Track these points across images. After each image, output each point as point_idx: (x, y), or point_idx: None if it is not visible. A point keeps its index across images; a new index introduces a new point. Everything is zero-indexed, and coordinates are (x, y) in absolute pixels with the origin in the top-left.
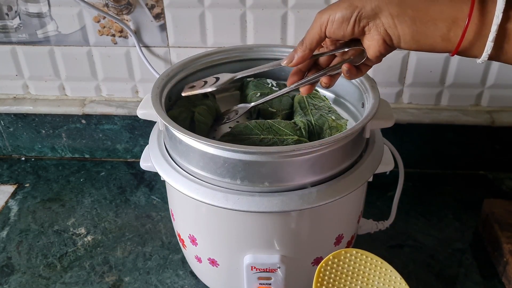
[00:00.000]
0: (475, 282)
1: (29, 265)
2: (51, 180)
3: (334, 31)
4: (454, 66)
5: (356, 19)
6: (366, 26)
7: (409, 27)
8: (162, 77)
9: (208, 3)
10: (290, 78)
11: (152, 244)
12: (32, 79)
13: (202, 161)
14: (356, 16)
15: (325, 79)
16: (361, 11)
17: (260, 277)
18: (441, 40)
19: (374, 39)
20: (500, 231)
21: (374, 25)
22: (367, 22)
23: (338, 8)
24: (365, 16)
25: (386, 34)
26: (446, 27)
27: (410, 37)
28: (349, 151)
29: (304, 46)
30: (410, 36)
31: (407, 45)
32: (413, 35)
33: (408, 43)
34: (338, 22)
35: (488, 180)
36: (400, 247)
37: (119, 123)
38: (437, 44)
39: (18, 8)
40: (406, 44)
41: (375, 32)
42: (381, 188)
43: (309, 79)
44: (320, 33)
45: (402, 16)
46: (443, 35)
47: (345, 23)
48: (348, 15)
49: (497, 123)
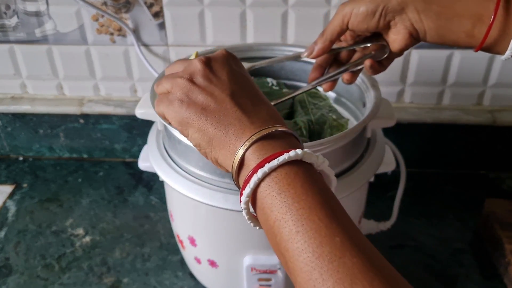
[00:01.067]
0: (476, 282)
1: (27, 266)
2: (49, 180)
3: (358, 24)
4: (456, 65)
5: (382, 13)
6: (392, 20)
7: (434, 22)
8: (161, 76)
9: (208, 1)
10: (311, 74)
11: (150, 245)
12: (30, 78)
13: (201, 161)
14: (381, 10)
15: (347, 75)
16: (387, 6)
17: (260, 278)
18: (465, 36)
19: (400, 33)
20: (501, 231)
21: (400, 20)
22: (393, 16)
23: (363, 2)
24: (391, 11)
25: (413, 28)
26: (471, 24)
27: (435, 31)
28: (350, 151)
29: (325, 38)
30: (435, 31)
31: (432, 39)
32: (437, 30)
33: (433, 38)
34: (362, 15)
35: (489, 179)
36: (401, 247)
37: (117, 123)
38: (461, 39)
39: (16, 7)
40: (431, 38)
41: (401, 26)
42: (382, 188)
43: (331, 75)
44: (342, 25)
45: (428, 11)
46: (467, 31)
47: (370, 16)
48: (373, 9)
49: (499, 123)
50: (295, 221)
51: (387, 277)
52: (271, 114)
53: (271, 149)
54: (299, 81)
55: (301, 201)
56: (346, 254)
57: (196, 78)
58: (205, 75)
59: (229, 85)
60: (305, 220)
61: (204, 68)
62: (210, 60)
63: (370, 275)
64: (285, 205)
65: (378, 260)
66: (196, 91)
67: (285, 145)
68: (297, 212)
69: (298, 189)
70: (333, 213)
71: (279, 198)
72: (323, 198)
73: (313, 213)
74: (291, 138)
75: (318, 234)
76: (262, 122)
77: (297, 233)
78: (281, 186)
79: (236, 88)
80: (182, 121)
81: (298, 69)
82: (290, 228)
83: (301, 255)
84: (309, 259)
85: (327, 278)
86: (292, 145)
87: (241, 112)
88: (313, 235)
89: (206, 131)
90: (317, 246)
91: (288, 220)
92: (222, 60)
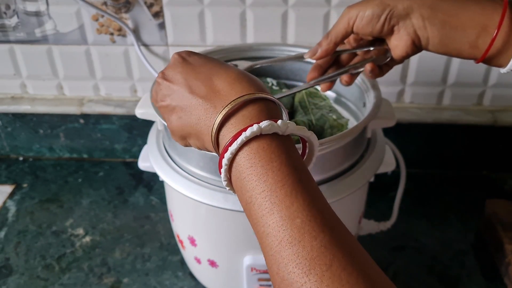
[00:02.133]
0: (477, 283)
1: (27, 266)
2: (49, 180)
3: (363, 27)
4: (456, 65)
5: (387, 18)
6: (396, 25)
7: (438, 30)
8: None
9: (208, 1)
10: (310, 73)
11: (150, 245)
12: (30, 78)
13: (202, 161)
14: (387, 14)
15: (346, 77)
16: (393, 10)
17: (260, 279)
18: (469, 47)
19: (402, 40)
20: (502, 231)
21: (403, 25)
22: (397, 21)
23: (369, 5)
24: (396, 15)
25: (416, 35)
26: (475, 34)
27: (438, 40)
28: (350, 151)
29: (329, 40)
30: (439, 39)
31: (434, 48)
32: (441, 38)
33: (436, 47)
34: (367, 19)
35: (491, 180)
36: (402, 248)
37: (118, 123)
38: (464, 50)
39: (16, 7)
40: (434, 47)
41: (404, 32)
42: (383, 189)
43: (330, 76)
44: (347, 28)
45: (433, 18)
46: (471, 41)
47: (375, 20)
48: (379, 13)
49: (500, 123)
50: (259, 205)
51: (350, 256)
52: (232, 85)
53: (234, 129)
54: (299, 81)
55: (263, 183)
56: (305, 237)
57: (160, 94)
58: (164, 87)
59: (186, 82)
60: (267, 203)
61: (161, 81)
62: (164, 72)
63: (329, 257)
64: (250, 187)
65: (343, 240)
66: (165, 107)
67: (248, 119)
68: (260, 195)
69: (259, 169)
70: (296, 189)
71: (245, 181)
72: (286, 173)
73: (274, 195)
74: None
75: (280, 217)
76: (224, 100)
77: (262, 217)
78: (245, 169)
79: (192, 81)
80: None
81: (298, 69)
82: (256, 212)
83: (267, 239)
84: (273, 243)
85: (288, 263)
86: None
87: (203, 100)
88: (274, 219)
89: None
90: (279, 230)
91: (254, 204)
92: (174, 63)
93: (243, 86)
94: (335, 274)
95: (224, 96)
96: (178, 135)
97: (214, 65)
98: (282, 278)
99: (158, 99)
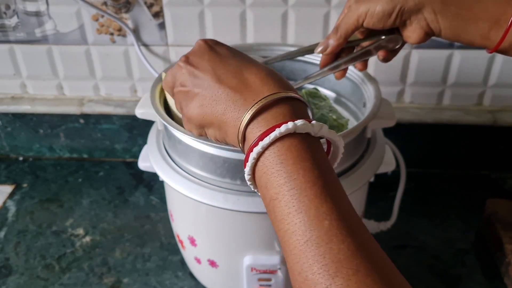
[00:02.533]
0: (478, 282)
1: (27, 266)
2: (49, 180)
3: (374, 24)
4: (456, 65)
5: (398, 14)
6: (408, 20)
7: (450, 22)
8: (161, 76)
9: (208, 1)
10: (322, 59)
11: (151, 245)
12: (30, 78)
13: (201, 161)
14: (398, 11)
15: (359, 64)
16: (404, 6)
17: (260, 279)
18: (480, 38)
19: (415, 32)
20: (503, 231)
21: (416, 19)
22: (409, 16)
23: (379, 2)
24: (408, 11)
25: (428, 27)
26: (487, 27)
27: (450, 31)
28: (350, 151)
29: (339, 35)
30: (450, 31)
31: (446, 37)
32: (453, 30)
33: (447, 36)
34: (378, 16)
35: (491, 180)
36: (403, 247)
37: (118, 123)
38: (475, 40)
39: (16, 7)
40: (446, 36)
41: (417, 25)
42: (383, 188)
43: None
44: (357, 25)
45: (445, 12)
46: (483, 33)
47: (386, 17)
48: (390, 10)
49: (499, 123)
50: (286, 202)
51: (374, 263)
52: (264, 81)
53: (265, 125)
54: None
55: (292, 181)
56: (333, 239)
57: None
58: (187, 72)
59: (213, 72)
60: (295, 201)
61: (184, 66)
62: (188, 57)
63: (356, 262)
64: (277, 184)
65: (367, 246)
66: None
67: (281, 116)
68: (288, 193)
69: (290, 167)
70: (326, 192)
71: (272, 178)
72: (316, 174)
73: (303, 194)
74: (291, 103)
75: (307, 217)
76: (256, 94)
77: (288, 215)
78: (274, 165)
79: (221, 71)
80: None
81: (299, 69)
82: (282, 209)
83: (291, 237)
84: (298, 242)
85: (313, 264)
86: (290, 113)
87: (232, 92)
88: (302, 218)
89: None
90: (305, 229)
91: (281, 201)
92: (200, 50)
93: (275, 83)
94: (361, 280)
95: (255, 91)
96: (195, 123)
97: (243, 58)
98: (304, 278)
99: (178, 83)
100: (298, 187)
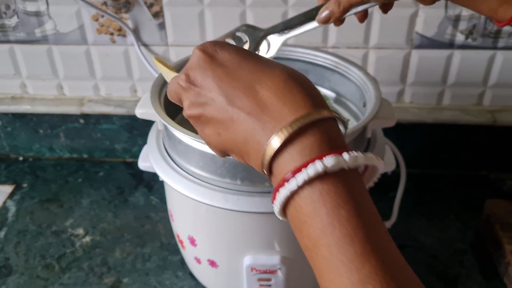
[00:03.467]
0: (476, 282)
1: (27, 266)
2: (49, 180)
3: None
4: (456, 65)
5: None
6: None
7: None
8: (161, 76)
9: (208, 1)
10: None
11: (151, 245)
12: (30, 78)
13: (202, 161)
14: None
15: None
16: None
17: (260, 279)
18: (488, 11)
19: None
20: (501, 231)
21: None
22: None
23: None
24: None
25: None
26: (497, 3)
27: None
28: None
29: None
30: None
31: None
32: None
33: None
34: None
35: (490, 180)
36: (402, 247)
37: (118, 123)
38: (483, 12)
39: (16, 7)
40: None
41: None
42: (383, 189)
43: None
44: None
45: None
46: (491, 9)
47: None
48: None
49: (499, 123)
50: (323, 258)
51: None
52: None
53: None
54: None
55: (328, 235)
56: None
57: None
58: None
59: (221, 91)
60: (333, 259)
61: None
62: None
63: None
64: (312, 236)
65: None
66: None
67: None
68: (324, 248)
69: (324, 216)
70: (368, 247)
71: (305, 227)
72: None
73: (341, 252)
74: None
75: (348, 281)
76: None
77: (328, 273)
78: (306, 212)
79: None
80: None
81: (299, 69)
82: (319, 263)
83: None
84: None
85: None
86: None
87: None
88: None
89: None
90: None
91: (318, 255)
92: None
93: (296, 99)
94: None
95: (274, 114)
96: (216, 150)
97: (253, 66)
98: None
99: (185, 105)
100: (335, 243)
